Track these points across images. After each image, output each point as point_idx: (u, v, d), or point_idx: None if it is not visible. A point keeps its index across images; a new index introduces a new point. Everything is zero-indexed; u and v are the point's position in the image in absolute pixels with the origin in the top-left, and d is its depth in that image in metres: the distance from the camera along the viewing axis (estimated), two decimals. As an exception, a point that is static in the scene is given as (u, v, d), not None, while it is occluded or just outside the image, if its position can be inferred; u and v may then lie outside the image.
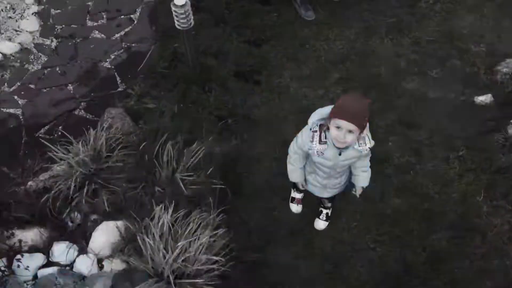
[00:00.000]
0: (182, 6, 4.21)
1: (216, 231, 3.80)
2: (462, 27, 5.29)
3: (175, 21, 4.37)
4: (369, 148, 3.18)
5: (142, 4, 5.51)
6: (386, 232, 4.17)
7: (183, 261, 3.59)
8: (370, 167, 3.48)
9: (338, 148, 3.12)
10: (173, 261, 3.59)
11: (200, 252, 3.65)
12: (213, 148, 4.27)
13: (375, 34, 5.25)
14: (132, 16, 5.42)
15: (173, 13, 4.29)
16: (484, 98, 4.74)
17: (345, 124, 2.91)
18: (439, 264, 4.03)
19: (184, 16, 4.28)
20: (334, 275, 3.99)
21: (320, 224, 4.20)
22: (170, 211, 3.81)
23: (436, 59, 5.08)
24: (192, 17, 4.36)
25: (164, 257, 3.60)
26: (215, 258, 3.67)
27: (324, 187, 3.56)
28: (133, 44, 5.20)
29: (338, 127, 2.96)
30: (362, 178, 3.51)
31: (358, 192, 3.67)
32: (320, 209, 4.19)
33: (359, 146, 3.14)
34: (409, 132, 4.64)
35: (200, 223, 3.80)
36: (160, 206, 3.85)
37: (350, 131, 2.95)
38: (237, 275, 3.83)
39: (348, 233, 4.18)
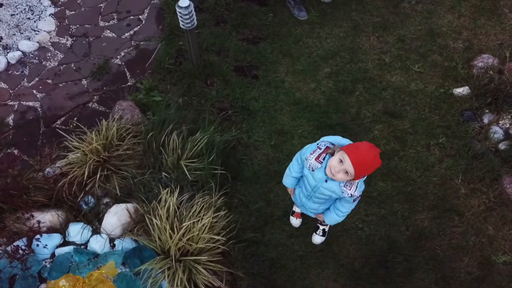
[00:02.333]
0: (186, 7, 4.08)
1: (218, 213, 3.71)
2: (441, 25, 5.16)
3: (180, 21, 4.25)
4: (351, 194, 2.88)
5: (149, 5, 5.33)
6: (373, 213, 4.08)
7: (187, 240, 3.52)
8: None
9: (327, 175, 2.88)
10: (179, 240, 3.51)
11: (203, 232, 3.57)
12: (214, 137, 4.13)
13: (363, 32, 5.11)
14: (140, 16, 5.27)
15: (178, 14, 4.17)
16: (462, 90, 4.62)
17: (348, 164, 2.65)
18: (421, 242, 3.95)
19: (188, 16, 4.16)
20: (325, 252, 3.90)
21: (317, 239, 3.92)
22: (176, 194, 3.72)
23: (418, 54, 4.95)
24: (195, 18, 4.24)
25: (170, 237, 3.52)
26: (216, 237, 3.59)
27: (303, 204, 3.32)
28: (142, 42, 5.06)
29: (341, 161, 2.70)
30: (330, 216, 3.20)
31: (319, 218, 3.43)
32: (317, 224, 3.96)
33: (344, 187, 2.87)
34: (393, 121, 4.53)
35: (203, 206, 3.72)
36: (166, 190, 3.77)
37: (346, 172, 2.69)
38: (237, 253, 3.76)
39: (338, 213, 4.06)
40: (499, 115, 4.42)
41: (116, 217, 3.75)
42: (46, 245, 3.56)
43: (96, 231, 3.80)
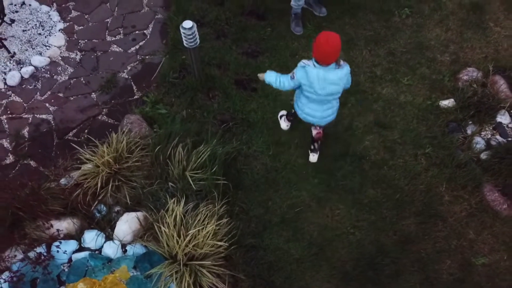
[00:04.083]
0: (190, 28, 4.45)
1: (220, 221, 4.10)
2: (430, 38, 5.52)
3: (184, 41, 4.61)
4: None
5: (153, 20, 5.70)
6: (364, 219, 4.48)
7: (193, 246, 3.92)
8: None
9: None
10: (185, 246, 3.91)
11: (207, 239, 3.97)
12: (217, 149, 4.52)
13: (356, 46, 5.47)
14: (145, 31, 5.64)
15: (182, 34, 4.54)
16: (447, 102, 5.00)
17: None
18: (407, 245, 4.35)
19: (191, 36, 4.53)
20: (319, 256, 4.31)
21: (313, 158, 4.72)
22: (182, 203, 4.11)
23: (408, 67, 5.32)
24: (198, 37, 4.60)
25: (177, 243, 3.92)
26: (219, 243, 3.98)
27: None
28: (147, 57, 5.43)
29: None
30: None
31: None
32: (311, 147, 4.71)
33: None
34: (383, 132, 4.92)
35: (207, 214, 4.11)
36: (173, 199, 4.16)
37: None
38: (238, 257, 4.16)
39: (332, 220, 4.48)
40: (481, 126, 4.80)
41: (127, 224, 4.15)
42: (66, 251, 3.95)
43: (109, 237, 4.20)
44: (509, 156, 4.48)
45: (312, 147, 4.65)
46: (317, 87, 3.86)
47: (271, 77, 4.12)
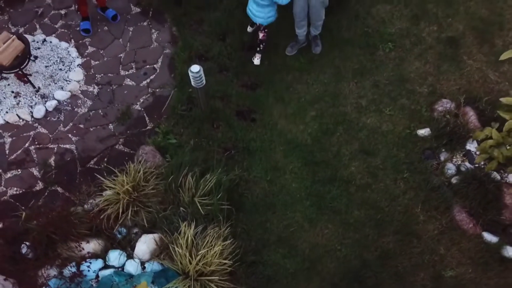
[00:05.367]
0: (197, 72, 5.15)
1: (225, 242, 4.83)
2: (410, 71, 6.22)
3: (192, 81, 5.32)
4: None
5: (162, 55, 6.40)
6: (349, 237, 5.21)
7: (203, 264, 4.65)
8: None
9: None
10: (196, 264, 4.64)
11: (215, 257, 4.70)
12: (221, 177, 5.24)
13: (343, 78, 6.18)
14: (155, 65, 6.34)
15: (190, 75, 5.24)
16: (424, 131, 5.72)
17: None
18: (387, 260, 5.09)
19: (198, 78, 5.24)
20: (311, 270, 5.05)
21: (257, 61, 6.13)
22: (192, 227, 4.85)
23: (390, 98, 6.03)
24: (204, 78, 5.31)
25: (190, 262, 4.65)
26: (225, 261, 4.71)
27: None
28: (157, 90, 6.13)
29: None
30: None
31: None
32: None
33: None
34: (367, 158, 5.64)
35: (214, 236, 4.84)
36: (185, 223, 4.89)
37: None
38: (241, 272, 4.89)
39: (322, 238, 5.21)
40: (452, 153, 5.54)
41: (145, 245, 4.89)
42: (95, 270, 4.68)
43: (129, 256, 4.93)
44: (475, 181, 5.21)
45: (258, 49, 6.00)
46: None
47: None
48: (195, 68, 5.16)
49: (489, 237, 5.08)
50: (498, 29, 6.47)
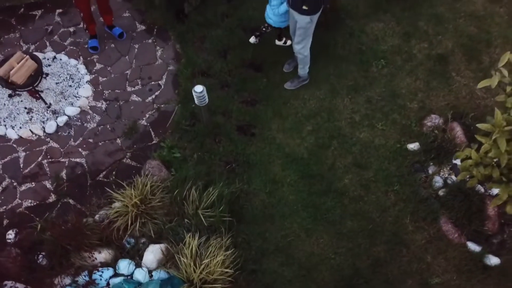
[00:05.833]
0: (201, 92, 5.53)
1: (227, 252, 5.21)
2: (402, 87, 6.60)
3: (195, 100, 5.69)
4: None
5: (166, 72, 6.77)
6: (343, 246, 5.59)
7: (206, 273, 5.03)
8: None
9: None
10: (200, 273, 5.02)
11: (217, 267, 5.08)
12: (223, 190, 5.62)
13: (338, 94, 6.55)
14: (159, 82, 6.71)
15: (194, 95, 5.62)
16: (413, 146, 6.09)
17: None
18: (377, 268, 5.47)
19: (202, 97, 5.62)
20: (307, 277, 5.43)
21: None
22: (196, 237, 5.23)
23: (382, 113, 6.40)
24: (207, 97, 5.68)
25: (194, 271, 5.03)
26: (227, 270, 5.10)
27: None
28: (162, 105, 6.50)
29: None
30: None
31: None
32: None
33: None
34: (360, 171, 6.02)
35: (216, 246, 5.22)
36: (189, 234, 5.26)
37: None
38: (242, 280, 5.27)
39: (317, 247, 5.59)
40: (440, 167, 5.91)
41: (152, 254, 5.27)
42: (106, 278, 5.07)
43: (138, 265, 5.31)
44: (460, 194, 5.59)
45: (257, 33, 6.65)
46: None
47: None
48: (198, 88, 5.54)
49: (473, 246, 5.45)
50: (486, 46, 6.82)
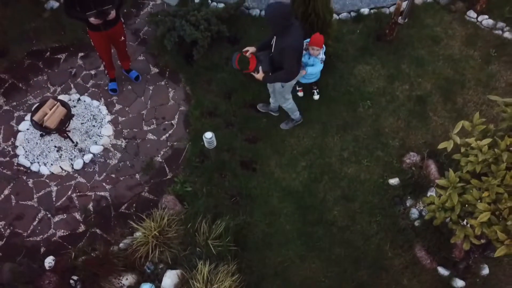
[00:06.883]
0: (210, 138, 6.47)
1: (233, 277, 6.19)
2: (385, 126, 7.52)
3: (205, 143, 6.63)
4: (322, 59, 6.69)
5: (178, 112, 7.70)
6: (332, 271, 6.56)
7: (216, 296, 6.01)
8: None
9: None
10: (210, 296, 6.00)
11: (225, 291, 6.06)
12: (229, 222, 6.58)
13: (329, 133, 7.47)
14: (172, 121, 7.63)
15: (204, 140, 6.56)
16: (394, 181, 7.04)
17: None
18: (361, 289, 6.46)
19: (211, 142, 6.56)
20: (301, 298, 6.41)
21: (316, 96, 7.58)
22: (207, 265, 6.20)
23: (367, 151, 7.33)
24: (215, 141, 6.62)
25: (206, 294, 6.01)
26: (233, 294, 6.08)
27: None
28: (175, 143, 7.43)
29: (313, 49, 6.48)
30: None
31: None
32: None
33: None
34: (348, 204, 6.96)
35: (224, 272, 6.19)
36: (201, 261, 6.23)
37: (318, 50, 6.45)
38: (246, 301, 6.25)
39: (310, 271, 6.55)
40: (416, 201, 6.87)
41: (170, 279, 6.24)
42: (132, 301, 6.06)
43: (157, 288, 6.30)
44: (432, 225, 6.54)
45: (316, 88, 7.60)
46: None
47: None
48: (208, 134, 6.48)
49: (442, 271, 6.41)
50: (460, 88, 7.74)
